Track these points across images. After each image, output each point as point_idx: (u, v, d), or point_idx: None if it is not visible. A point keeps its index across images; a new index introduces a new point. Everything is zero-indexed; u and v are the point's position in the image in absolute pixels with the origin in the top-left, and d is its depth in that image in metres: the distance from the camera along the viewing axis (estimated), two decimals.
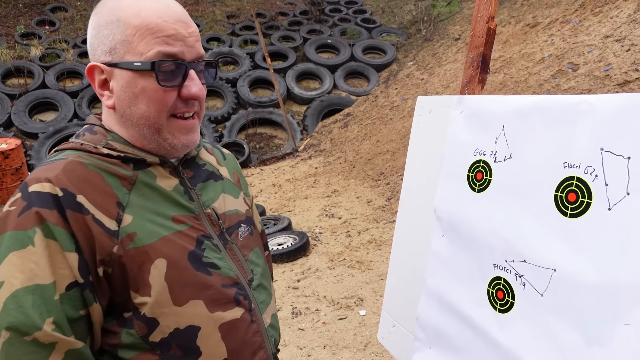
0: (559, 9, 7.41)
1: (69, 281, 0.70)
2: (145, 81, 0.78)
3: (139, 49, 0.77)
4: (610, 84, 4.96)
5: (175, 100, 0.80)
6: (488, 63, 1.08)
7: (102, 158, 0.80)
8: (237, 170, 1.06)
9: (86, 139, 0.83)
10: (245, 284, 0.87)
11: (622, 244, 0.72)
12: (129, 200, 0.78)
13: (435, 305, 1.13)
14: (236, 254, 0.89)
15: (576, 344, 0.78)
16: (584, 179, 0.78)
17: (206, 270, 0.81)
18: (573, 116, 0.82)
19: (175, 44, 0.78)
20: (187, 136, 0.83)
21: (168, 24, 0.77)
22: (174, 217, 0.82)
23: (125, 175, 0.80)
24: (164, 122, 0.81)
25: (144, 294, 0.75)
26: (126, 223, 0.76)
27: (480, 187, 1.02)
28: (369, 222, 5.08)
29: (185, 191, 0.86)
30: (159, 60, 0.77)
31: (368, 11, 12.36)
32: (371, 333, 3.13)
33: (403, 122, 7.42)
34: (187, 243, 0.81)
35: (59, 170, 0.74)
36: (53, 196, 0.71)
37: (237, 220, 0.94)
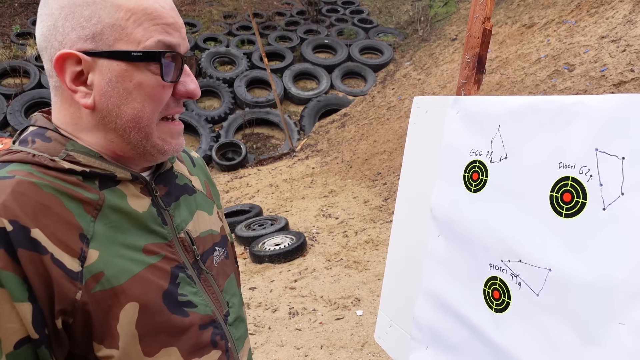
0: (555, 9, 7.44)
1: (18, 337, 0.56)
2: (143, 75, 0.65)
3: (136, 35, 0.64)
4: (606, 84, 4.98)
5: (169, 99, 0.69)
6: (484, 64, 1.08)
7: (60, 175, 0.64)
8: (208, 178, 0.95)
9: (38, 147, 0.65)
10: (221, 321, 0.79)
11: (616, 244, 0.72)
12: (95, 231, 0.64)
13: (432, 305, 1.13)
14: (211, 285, 0.79)
15: (571, 343, 0.78)
16: (578, 179, 0.79)
17: (182, 312, 0.71)
18: (568, 117, 0.82)
19: (174, 35, 0.67)
20: (178, 140, 0.73)
21: (166, 10, 0.66)
22: (145, 247, 0.69)
23: (89, 199, 0.65)
24: (155, 125, 0.69)
25: (109, 345, 0.63)
26: (91, 261, 0.62)
27: (476, 187, 1.02)
28: (366, 222, 5.09)
29: (159, 213, 0.73)
30: (164, 50, 0.65)
31: (365, 11, 12.38)
32: (368, 333, 3.14)
33: (400, 122, 7.44)
34: (161, 279, 0.69)
35: (6, 195, 0.58)
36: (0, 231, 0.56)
37: (211, 243, 0.83)
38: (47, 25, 0.65)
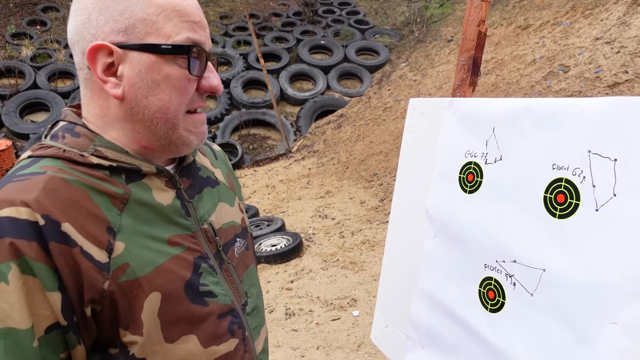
0: (550, 11, 7.48)
1: (49, 322, 0.61)
2: (171, 67, 0.68)
3: (166, 30, 0.67)
4: (600, 85, 5.01)
5: (193, 94, 0.72)
6: (479, 66, 1.09)
7: (89, 170, 0.67)
8: (230, 171, 0.98)
9: (68, 142, 0.69)
10: (239, 310, 0.82)
11: (609, 244, 0.73)
12: (121, 224, 0.67)
13: (428, 306, 1.14)
14: (232, 275, 0.82)
15: (565, 342, 0.79)
16: (572, 181, 0.80)
17: (202, 301, 0.74)
18: (561, 119, 0.83)
19: (200, 33, 0.71)
20: (201, 129, 0.75)
21: (193, 9, 0.70)
22: (169, 239, 0.73)
23: (116, 193, 0.68)
24: (181, 116, 0.71)
25: (134, 332, 0.67)
26: (118, 252, 0.66)
27: (471, 188, 1.03)
28: (362, 223, 5.09)
29: (182, 205, 0.76)
30: (192, 44, 0.68)
31: (361, 12, 12.40)
32: (364, 333, 3.14)
33: (396, 123, 7.45)
34: (184, 269, 0.73)
35: (38, 191, 0.61)
36: (32, 225, 0.59)
37: (233, 234, 0.87)
38: (81, 19, 0.68)
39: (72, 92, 8.90)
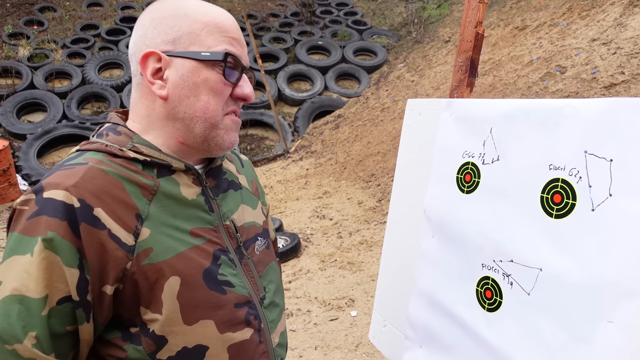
0: (547, 12, 7.51)
1: (62, 295, 0.67)
2: (209, 72, 0.79)
3: (207, 42, 0.79)
4: (597, 86, 5.04)
5: (228, 99, 0.82)
6: (476, 67, 1.10)
7: (125, 164, 0.77)
8: (255, 178, 1.06)
9: (110, 139, 0.79)
10: (257, 303, 0.86)
11: (605, 244, 0.74)
12: (149, 212, 0.75)
13: (426, 305, 1.14)
14: (251, 270, 0.87)
15: (562, 341, 0.80)
16: (568, 181, 0.81)
17: (220, 289, 0.80)
18: (558, 119, 0.84)
19: (238, 47, 0.82)
20: (235, 133, 0.85)
21: (233, 27, 0.82)
22: (192, 230, 0.80)
23: (146, 185, 0.77)
24: (221, 117, 0.81)
25: (155, 310, 0.73)
26: (143, 237, 0.73)
27: (469, 188, 1.04)
28: (360, 223, 5.10)
29: (207, 201, 0.84)
30: (228, 54, 0.80)
31: (359, 13, 12.41)
32: (362, 333, 3.15)
33: (394, 123, 7.46)
34: (203, 259, 0.79)
35: (78, 178, 0.71)
36: (67, 206, 0.68)
37: (254, 233, 0.93)
38: (139, 34, 0.81)
39: (70, 92, 8.89)
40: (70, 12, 11.95)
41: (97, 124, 8.37)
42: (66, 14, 11.77)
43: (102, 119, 8.48)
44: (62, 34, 10.89)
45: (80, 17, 11.77)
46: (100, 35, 10.76)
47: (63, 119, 8.51)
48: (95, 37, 10.73)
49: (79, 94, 8.93)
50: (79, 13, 11.94)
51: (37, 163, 7.60)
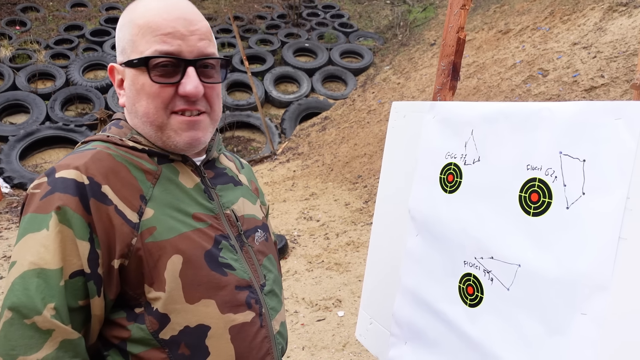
0: (529, 16, 7.65)
1: (74, 269, 0.70)
2: (144, 78, 0.79)
3: (140, 47, 0.78)
4: (577, 89, 5.15)
5: (174, 98, 0.80)
6: (458, 71, 1.14)
7: (128, 151, 0.82)
8: (255, 180, 1.08)
9: (112, 131, 0.85)
10: (257, 288, 0.87)
11: (578, 240, 0.78)
12: (152, 194, 0.79)
13: (410, 302, 1.18)
14: (251, 257, 0.89)
15: (539, 333, 0.83)
16: (545, 180, 0.84)
17: (221, 271, 0.82)
18: (535, 122, 0.88)
19: (172, 42, 0.78)
20: (190, 133, 0.82)
21: (167, 21, 0.78)
22: (195, 214, 0.82)
23: (150, 170, 0.81)
24: (165, 119, 0.81)
25: (158, 288, 0.75)
26: (147, 217, 0.77)
27: (451, 188, 1.07)
28: (347, 224, 5.13)
29: (206, 190, 0.87)
30: (151, 56, 0.77)
31: (345, 15, 12.47)
32: (349, 333, 3.18)
33: (380, 125, 7.52)
34: (205, 241, 0.81)
35: (87, 159, 0.76)
36: (78, 184, 0.72)
37: (254, 224, 0.95)
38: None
39: (53, 94, 8.77)
40: (53, 12, 11.79)
41: (82, 125, 8.28)
42: (49, 15, 11.62)
43: (87, 120, 8.39)
44: (46, 35, 10.75)
45: (64, 17, 11.63)
46: (85, 36, 10.64)
47: (46, 121, 8.39)
48: (80, 38, 10.61)
49: (62, 95, 8.81)
50: (62, 13, 11.79)
51: (19, 165, 7.48)
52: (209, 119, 0.85)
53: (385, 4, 12.93)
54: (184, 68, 0.79)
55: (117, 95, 0.85)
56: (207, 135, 0.85)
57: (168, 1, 0.80)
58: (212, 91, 0.84)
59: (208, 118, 0.85)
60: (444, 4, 11.43)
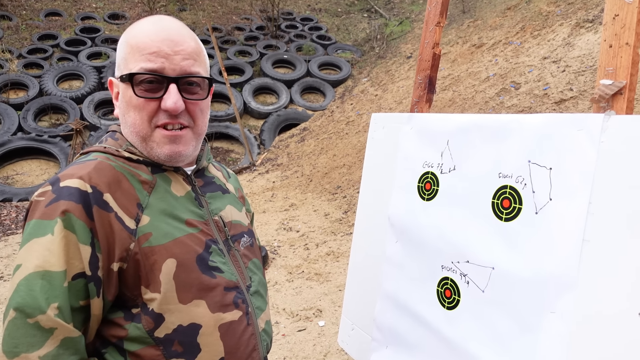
0: (501, 31, 7.90)
1: (76, 271, 0.75)
2: (130, 92, 0.86)
3: (130, 65, 0.86)
4: (548, 101, 5.34)
5: (158, 112, 0.86)
6: (434, 84, 1.19)
7: (125, 161, 0.88)
8: (240, 189, 1.15)
9: (108, 143, 0.91)
10: (244, 289, 0.94)
11: (547, 243, 0.83)
12: (148, 203, 0.85)
13: (391, 307, 1.21)
14: (238, 260, 0.96)
15: (512, 332, 0.88)
16: (515, 187, 0.90)
17: (211, 274, 0.88)
18: (505, 133, 0.94)
19: (156, 60, 0.85)
20: (171, 146, 0.88)
21: (154, 42, 0.85)
22: (187, 220, 0.89)
23: (146, 179, 0.87)
24: (149, 131, 0.87)
25: (154, 290, 0.81)
26: (144, 223, 0.83)
27: (429, 196, 1.12)
28: (327, 234, 5.16)
29: (196, 198, 0.93)
30: (134, 72, 0.85)
31: (323, 28, 12.63)
32: (330, 343, 3.19)
33: (358, 136, 7.62)
34: (197, 245, 0.88)
35: (90, 169, 0.82)
36: (82, 192, 0.78)
37: (240, 230, 1.01)
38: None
39: (26, 104, 8.60)
40: (27, 21, 11.59)
41: (56, 136, 8.12)
42: (22, 23, 11.41)
43: (61, 131, 8.24)
44: (18, 44, 10.54)
45: (38, 26, 11.44)
46: (59, 46, 10.48)
47: (19, 131, 8.21)
48: (54, 48, 10.45)
49: (36, 105, 8.64)
50: (36, 22, 11.60)
51: None
52: (192, 133, 0.90)
53: (362, 17, 13.16)
54: (167, 85, 0.85)
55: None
56: (189, 149, 0.90)
57: (160, 24, 0.87)
58: (195, 107, 0.89)
59: (191, 132, 0.90)
60: (419, 17, 11.71)
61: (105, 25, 11.84)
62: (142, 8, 12.72)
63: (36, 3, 12.41)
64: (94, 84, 9.27)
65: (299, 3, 14.06)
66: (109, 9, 12.74)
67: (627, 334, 0.70)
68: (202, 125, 0.92)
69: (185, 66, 0.86)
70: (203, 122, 0.93)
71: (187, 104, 0.88)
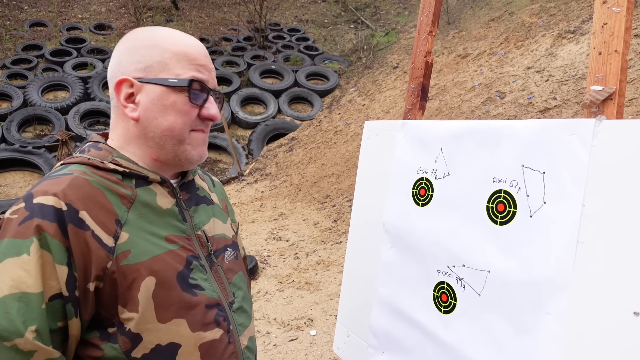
0: (486, 41, 8.05)
1: (54, 292, 0.73)
2: (177, 96, 0.86)
3: (175, 70, 0.87)
4: (533, 110, 5.44)
5: (195, 119, 0.90)
6: (427, 92, 1.21)
7: (106, 175, 0.84)
8: (225, 198, 1.14)
9: (92, 154, 0.88)
10: (226, 306, 0.92)
11: (542, 245, 0.85)
12: (127, 218, 0.82)
13: (387, 313, 1.22)
14: (220, 276, 0.94)
15: (509, 334, 0.89)
16: (509, 192, 0.92)
17: (192, 291, 0.85)
18: (499, 138, 0.95)
19: (204, 73, 0.90)
20: (203, 148, 0.92)
21: (201, 55, 0.90)
22: (167, 236, 0.86)
23: (125, 194, 0.84)
24: (187, 134, 0.89)
25: (131, 309, 0.78)
26: (122, 240, 0.80)
27: (423, 201, 1.13)
28: (317, 243, 5.16)
29: (180, 212, 0.91)
30: (194, 80, 0.88)
31: (310, 39, 12.72)
32: (322, 352, 3.18)
33: (347, 146, 7.65)
34: (177, 262, 0.85)
35: (65, 185, 0.78)
36: (56, 210, 0.75)
37: (224, 243, 0.99)
38: (115, 62, 0.90)
39: (10, 115, 8.48)
40: (10, 31, 11.48)
41: (41, 147, 8.01)
42: (6, 34, 11.30)
43: (46, 142, 8.13)
44: (2, 54, 10.42)
45: (22, 37, 11.33)
46: (44, 56, 10.39)
47: (2, 143, 8.08)
48: (39, 58, 10.35)
49: (19, 116, 8.53)
50: (20, 33, 11.49)
51: None
52: None
53: (349, 28, 13.29)
54: (207, 95, 0.90)
55: (122, 108, 0.88)
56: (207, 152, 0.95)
57: (190, 38, 0.91)
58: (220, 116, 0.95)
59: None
60: (405, 29, 11.87)
61: (91, 35, 11.78)
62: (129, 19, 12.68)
63: (20, 13, 12.31)
64: (80, 95, 9.19)
65: (286, 14, 14.16)
66: (95, 20, 12.68)
67: (623, 333, 0.72)
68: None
69: (215, 81, 0.94)
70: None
71: None
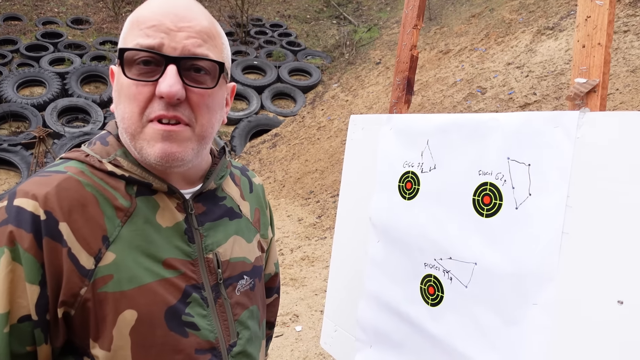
0: (467, 37, 8.13)
1: (23, 313, 0.62)
2: (122, 76, 0.68)
3: (126, 42, 0.68)
4: (513, 106, 5.51)
5: (152, 102, 0.67)
6: (412, 85, 1.22)
7: (105, 178, 0.70)
8: (262, 206, 0.95)
9: (94, 149, 0.73)
10: (223, 350, 0.76)
11: (527, 237, 0.86)
12: (119, 235, 0.68)
13: (374, 306, 1.22)
14: (225, 311, 0.77)
15: (496, 325, 0.90)
16: (495, 184, 0.92)
17: (182, 331, 0.71)
18: (484, 131, 0.96)
19: (155, 36, 0.66)
20: (164, 144, 0.67)
21: (154, 14, 0.67)
22: (166, 260, 0.71)
23: (121, 206, 0.69)
24: (139, 126, 0.68)
25: (103, 346, 0.66)
26: (106, 262, 0.66)
27: (410, 195, 1.13)
28: (301, 239, 5.15)
29: (188, 230, 0.74)
30: (125, 47, 0.66)
31: (293, 34, 12.67)
32: (308, 347, 3.18)
33: (330, 141, 7.65)
34: (170, 294, 0.70)
35: (51, 187, 0.65)
36: (34, 217, 0.63)
37: (240, 270, 0.82)
38: None
39: None
40: None
41: (17, 144, 7.82)
42: None
43: (22, 139, 7.93)
44: None
45: None
46: (19, 51, 10.12)
47: None
48: (14, 53, 10.08)
49: None
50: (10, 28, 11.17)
51: None
52: (191, 132, 0.70)
53: (331, 23, 13.27)
54: (165, 66, 0.66)
55: None
56: (186, 152, 0.69)
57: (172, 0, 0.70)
58: (200, 98, 0.69)
59: (190, 131, 0.69)
60: (387, 24, 11.90)
61: (68, 30, 11.51)
62: (107, 13, 12.44)
63: None
64: (57, 91, 8.98)
65: (268, 9, 14.06)
66: (72, 14, 12.39)
67: (607, 321, 0.73)
68: (207, 125, 0.71)
69: (190, 45, 0.67)
70: (208, 121, 0.71)
71: (189, 93, 0.68)
